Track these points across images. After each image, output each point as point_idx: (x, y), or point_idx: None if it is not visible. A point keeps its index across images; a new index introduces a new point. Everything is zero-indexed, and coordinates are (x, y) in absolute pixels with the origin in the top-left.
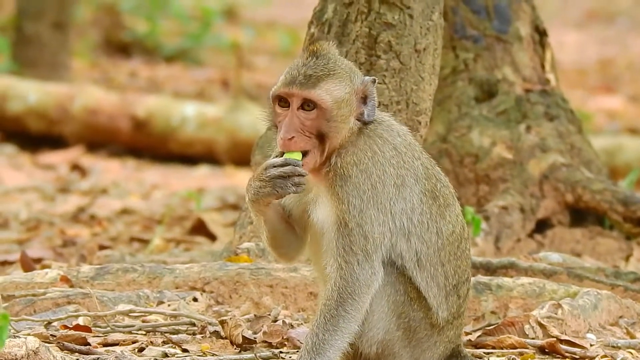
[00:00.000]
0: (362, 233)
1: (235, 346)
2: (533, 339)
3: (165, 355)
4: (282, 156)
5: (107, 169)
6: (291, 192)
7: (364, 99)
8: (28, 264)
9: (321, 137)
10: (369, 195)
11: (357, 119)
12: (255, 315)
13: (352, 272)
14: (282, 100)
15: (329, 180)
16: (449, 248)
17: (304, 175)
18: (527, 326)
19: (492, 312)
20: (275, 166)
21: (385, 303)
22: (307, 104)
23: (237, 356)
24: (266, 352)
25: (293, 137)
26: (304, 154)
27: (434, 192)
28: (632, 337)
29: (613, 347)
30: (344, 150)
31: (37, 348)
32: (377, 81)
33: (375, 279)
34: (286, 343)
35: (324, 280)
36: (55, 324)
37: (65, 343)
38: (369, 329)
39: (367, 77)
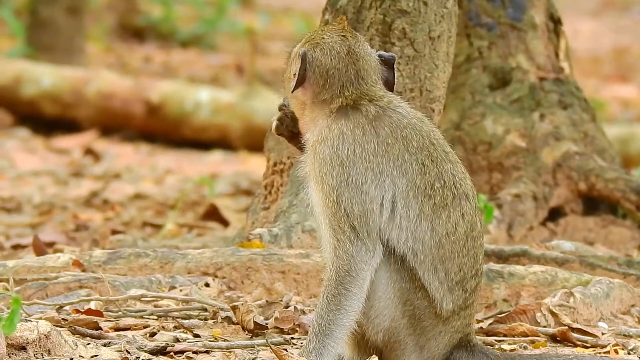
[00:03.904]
0: (342, 210)
1: (246, 332)
2: (545, 327)
3: (177, 340)
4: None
5: (121, 154)
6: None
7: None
8: (40, 248)
9: None
10: (338, 172)
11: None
12: (267, 301)
13: (346, 250)
14: None
15: (308, 161)
16: (449, 247)
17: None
18: (538, 314)
19: (504, 300)
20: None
21: (391, 290)
22: None
23: (249, 342)
24: (278, 338)
25: None
26: None
27: (426, 190)
28: None
29: (625, 335)
30: (316, 129)
31: (48, 332)
32: (307, 53)
33: (370, 256)
34: (297, 329)
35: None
36: (67, 308)
37: (77, 327)
38: (375, 316)
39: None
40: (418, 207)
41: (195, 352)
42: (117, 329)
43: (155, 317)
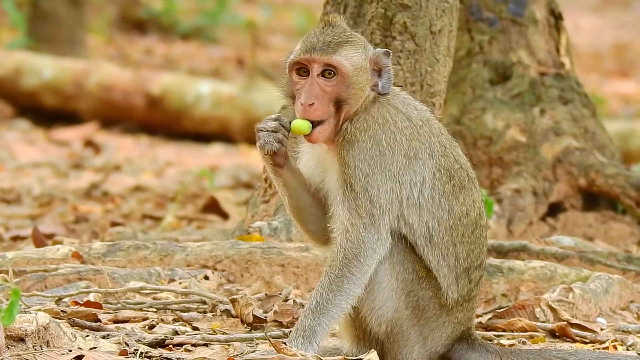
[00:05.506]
0: (367, 197)
1: (245, 325)
2: (544, 322)
3: (176, 332)
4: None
5: (121, 146)
6: (274, 148)
7: (378, 71)
8: (40, 240)
9: (338, 105)
10: (376, 160)
11: (371, 90)
12: (266, 294)
13: (358, 235)
14: (301, 68)
15: (338, 146)
16: (462, 229)
17: (287, 132)
18: (537, 309)
19: (503, 295)
20: (264, 121)
21: (394, 281)
22: (329, 71)
23: (248, 335)
24: (276, 331)
25: (313, 103)
26: (319, 123)
27: (450, 171)
28: None
29: (623, 331)
30: (355, 117)
31: (47, 324)
32: (391, 54)
33: (381, 245)
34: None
35: None
36: (66, 300)
37: (76, 319)
38: (378, 307)
39: (379, 49)
40: (442, 187)
41: (194, 345)
42: (116, 321)
43: (154, 310)
